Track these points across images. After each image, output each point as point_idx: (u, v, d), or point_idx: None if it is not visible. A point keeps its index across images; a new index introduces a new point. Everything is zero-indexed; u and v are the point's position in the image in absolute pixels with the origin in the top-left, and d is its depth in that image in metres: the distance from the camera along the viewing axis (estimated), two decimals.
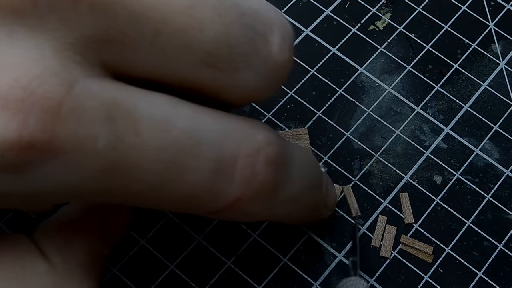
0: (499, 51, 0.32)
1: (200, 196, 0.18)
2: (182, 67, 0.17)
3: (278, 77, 0.19)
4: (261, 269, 0.26)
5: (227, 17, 0.17)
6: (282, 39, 0.19)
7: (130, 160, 0.17)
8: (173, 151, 0.17)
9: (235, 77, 0.18)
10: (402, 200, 0.28)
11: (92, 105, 0.16)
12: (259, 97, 0.20)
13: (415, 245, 0.27)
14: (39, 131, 0.15)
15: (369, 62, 0.31)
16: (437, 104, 0.30)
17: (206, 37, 0.17)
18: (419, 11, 0.33)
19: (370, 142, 0.29)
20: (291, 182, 0.21)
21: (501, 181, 0.28)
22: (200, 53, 0.17)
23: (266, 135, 0.19)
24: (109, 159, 0.16)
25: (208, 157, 0.18)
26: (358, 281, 0.25)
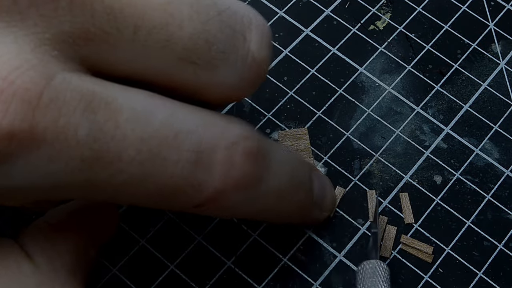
0: (499, 51, 0.32)
1: (181, 188, 0.18)
2: (161, 64, 0.18)
3: (257, 75, 0.19)
4: (261, 269, 0.26)
5: (205, 15, 0.18)
6: (260, 37, 0.19)
7: (111, 150, 0.17)
8: (153, 142, 0.17)
9: (214, 74, 0.18)
10: (402, 200, 0.28)
11: (71, 96, 0.16)
12: (238, 95, 0.20)
13: (415, 245, 0.27)
14: (18, 120, 0.15)
15: (369, 62, 0.31)
16: (437, 104, 0.30)
17: (185, 33, 0.17)
18: (419, 11, 0.33)
19: (370, 142, 0.29)
20: (272, 176, 0.21)
21: (501, 181, 0.28)
22: (179, 49, 0.17)
23: (244, 129, 0.20)
24: (91, 149, 0.16)
25: (187, 148, 0.18)
26: (377, 264, 0.25)
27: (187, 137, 0.18)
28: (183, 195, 0.19)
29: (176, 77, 0.18)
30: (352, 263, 0.26)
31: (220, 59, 0.18)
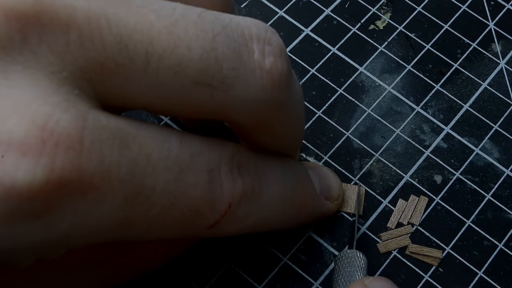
0: (499, 51, 0.32)
1: (201, 209, 0.19)
2: (176, 91, 0.17)
3: (274, 82, 0.19)
4: (261, 268, 0.26)
5: (210, 32, 0.17)
6: (262, 45, 0.19)
7: (147, 183, 0.17)
8: (176, 169, 0.18)
9: (232, 93, 0.18)
10: (419, 202, 0.28)
11: (107, 135, 0.16)
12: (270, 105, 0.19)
13: (424, 251, 0.26)
14: (67, 170, 0.15)
15: (369, 62, 0.31)
16: (437, 103, 0.30)
17: (195, 54, 0.17)
18: (419, 11, 0.33)
19: (370, 142, 0.29)
20: (269, 183, 0.21)
21: (501, 180, 0.28)
22: (192, 72, 0.17)
23: (235, 145, 0.20)
24: (131, 185, 0.16)
25: (201, 169, 0.18)
26: (354, 253, 0.25)
27: (199, 159, 0.18)
28: (201, 216, 0.19)
29: (194, 102, 0.18)
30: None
31: (233, 76, 0.18)
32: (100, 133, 0.16)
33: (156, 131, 0.18)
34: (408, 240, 0.27)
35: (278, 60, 0.19)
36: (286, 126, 0.21)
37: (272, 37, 0.19)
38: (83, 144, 0.15)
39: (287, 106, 0.20)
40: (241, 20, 0.19)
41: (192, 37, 0.17)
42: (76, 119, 0.15)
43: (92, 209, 0.16)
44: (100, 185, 0.16)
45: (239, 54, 0.18)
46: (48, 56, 0.15)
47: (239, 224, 0.21)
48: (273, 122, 0.20)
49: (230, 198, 0.19)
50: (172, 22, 0.17)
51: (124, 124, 0.17)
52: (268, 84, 0.19)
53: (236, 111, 0.19)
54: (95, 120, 0.16)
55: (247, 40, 0.18)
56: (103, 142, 0.16)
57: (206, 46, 0.17)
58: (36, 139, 0.15)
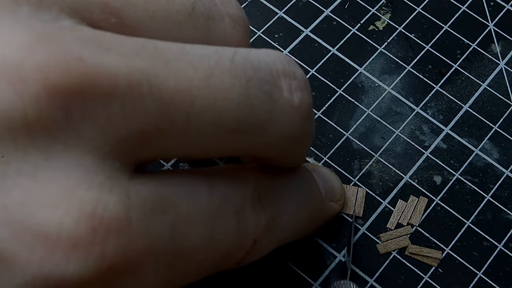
0: (499, 51, 0.32)
1: (231, 253, 0.19)
2: (215, 142, 0.17)
3: (302, 117, 0.19)
4: (261, 269, 0.26)
5: (243, 77, 0.17)
6: (289, 81, 0.18)
7: (185, 245, 0.17)
8: (209, 221, 0.17)
9: (266, 136, 0.18)
10: (419, 203, 0.27)
11: (149, 208, 0.15)
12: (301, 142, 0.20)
13: (423, 252, 0.26)
14: (118, 255, 0.15)
15: (369, 62, 0.31)
16: (437, 104, 0.30)
17: (232, 104, 0.16)
18: (419, 11, 0.33)
19: (370, 142, 0.29)
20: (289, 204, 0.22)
21: (500, 181, 0.28)
22: (230, 122, 0.17)
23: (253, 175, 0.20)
24: (172, 251, 0.16)
25: (230, 213, 0.18)
26: (348, 284, 0.25)
27: (227, 204, 0.18)
28: (230, 258, 0.19)
29: (229, 148, 0.18)
30: (352, 263, 0.26)
31: (267, 119, 0.18)
32: (144, 207, 0.15)
33: (185, 184, 0.17)
34: (408, 240, 0.27)
35: (305, 94, 0.19)
36: (303, 150, 0.21)
37: (295, 70, 0.19)
38: (131, 225, 0.15)
39: (310, 134, 0.20)
40: (265, 56, 0.18)
41: (228, 87, 0.16)
42: (122, 199, 0.15)
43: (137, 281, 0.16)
44: (146, 260, 0.15)
45: (271, 96, 0.18)
46: (90, 132, 0.15)
47: (262, 253, 0.21)
48: (296, 149, 0.20)
49: (255, 235, 0.19)
50: (208, 74, 0.16)
51: (160, 188, 0.16)
52: (298, 120, 0.19)
53: (267, 150, 0.19)
54: (137, 194, 0.15)
55: (276, 79, 0.18)
56: (147, 217, 0.15)
57: (242, 93, 0.17)
58: (87, 229, 0.14)
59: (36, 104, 0.14)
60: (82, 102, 0.14)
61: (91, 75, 0.14)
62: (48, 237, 0.14)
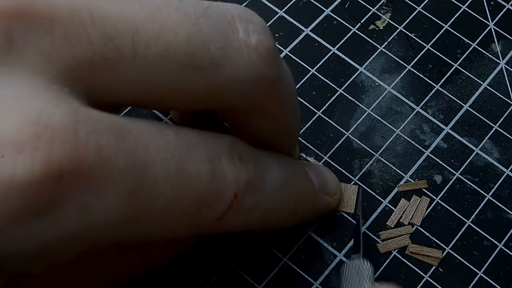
0: (499, 51, 0.32)
1: (208, 199, 0.19)
2: (166, 77, 0.17)
3: (261, 58, 0.19)
4: (261, 268, 0.26)
5: (193, 15, 0.18)
6: (245, 24, 0.19)
7: (148, 175, 0.17)
8: (176, 159, 0.18)
9: (221, 73, 0.18)
10: (420, 202, 0.28)
11: (102, 128, 0.16)
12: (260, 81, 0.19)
13: (423, 251, 0.26)
14: (65, 162, 0.15)
15: (369, 62, 0.31)
16: (437, 103, 0.30)
17: (181, 38, 0.17)
18: (419, 11, 0.33)
19: (370, 142, 0.29)
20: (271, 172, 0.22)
21: (501, 180, 0.28)
22: (180, 56, 0.17)
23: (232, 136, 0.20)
24: (132, 176, 0.16)
25: (202, 159, 0.18)
26: (361, 262, 0.25)
27: (197, 149, 0.18)
28: (209, 208, 0.19)
29: (184, 87, 0.18)
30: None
31: (221, 56, 0.18)
32: (95, 126, 0.16)
33: (151, 125, 0.18)
34: (408, 240, 0.27)
35: (262, 37, 0.19)
36: (279, 108, 0.21)
37: (253, 16, 0.20)
38: (79, 136, 0.15)
39: (277, 82, 0.20)
40: (220, 3, 0.19)
41: (176, 21, 0.17)
42: (69, 113, 0.15)
43: (96, 202, 0.16)
44: (100, 176, 0.15)
45: (224, 34, 0.18)
46: (34, 56, 0.15)
47: (246, 216, 0.21)
48: (265, 101, 0.20)
49: (235, 188, 0.19)
50: (155, 9, 0.17)
51: (118, 118, 0.17)
52: (256, 60, 0.19)
53: (227, 93, 0.19)
54: (88, 114, 0.16)
55: (230, 21, 0.19)
56: (98, 134, 0.16)
57: (191, 29, 0.17)
58: (30, 134, 0.14)
59: None
60: (22, 26, 0.15)
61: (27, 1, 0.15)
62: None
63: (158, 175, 0.17)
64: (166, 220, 0.18)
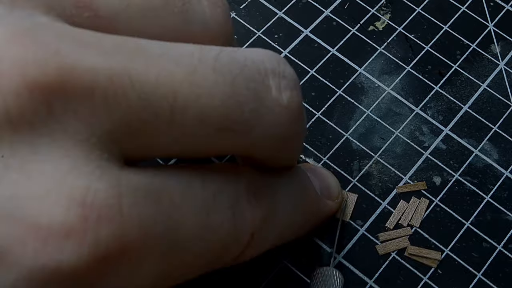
0: (499, 52, 0.32)
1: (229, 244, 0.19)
2: (200, 139, 0.17)
3: (290, 117, 0.19)
4: (260, 270, 0.26)
5: (228, 75, 0.17)
6: (278, 80, 0.18)
7: (180, 234, 0.17)
8: (204, 212, 0.17)
9: (253, 135, 0.18)
10: (420, 204, 0.27)
11: (141, 195, 0.15)
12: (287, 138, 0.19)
13: (422, 253, 0.26)
14: (112, 242, 0.15)
15: (369, 63, 0.31)
16: (437, 105, 0.30)
17: (217, 101, 0.17)
18: (419, 12, 0.33)
19: (369, 143, 0.29)
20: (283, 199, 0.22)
21: (500, 182, 0.28)
22: (215, 119, 0.17)
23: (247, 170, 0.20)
24: (167, 239, 0.16)
25: (225, 206, 0.18)
26: (331, 271, 0.25)
27: (221, 197, 0.18)
28: (228, 251, 0.19)
29: (216, 146, 0.18)
30: (351, 264, 0.26)
31: (254, 118, 0.18)
32: (135, 194, 0.15)
33: (178, 175, 0.17)
34: (407, 241, 0.27)
35: (294, 94, 0.19)
36: (295, 150, 0.21)
37: (285, 69, 0.19)
38: (123, 212, 0.15)
39: (300, 135, 0.20)
40: (253, 55, 0.18)
41: (212, 84, 0.17)
42: (112, 187, 0.15)
43: (134, 272, 0.16)
44: (141, 248, 0.15)
45: (258, 94, 0.18)
46: (75, 125, 0.15)
47: (261, 248, 0.21)
48: (286, 150, 0.20)
49: (252, 228, 0.19)
50: (192, 71, 0.16)
51: (152, 178, 0.16)
52: (286, 119, 0.18)
53: (255, 149, 0.19)
54: (128, 182, 0.15)
55: (263, 77, 0.18)
56: (139, 204, 0.15)
57: (227, 91, 0.17)
58: (78, 217, 0.14)
59: (17, 99, 0.14)
60: (62, 95, 0.15)
61: (69, 69, 0.15)
62: (40, 228, 0.14)
63: (188, 233, 0.17)
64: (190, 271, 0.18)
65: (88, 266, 0.14)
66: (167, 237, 0.16)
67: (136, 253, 0.15)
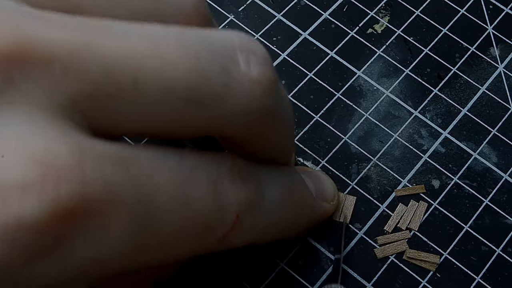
0: (498, 55, 0.32)
1: (211, 223, 0.19)
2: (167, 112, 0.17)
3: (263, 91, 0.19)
4: (258, 273, 0.26)
5: (193, 49, 0.17)
6: (246, 56, 0.19)
7: (153, 204, 0.17)
8: (179, 186, 0.17)
9: (223, 107, 0.18)
10: (418, 207, 0.27)
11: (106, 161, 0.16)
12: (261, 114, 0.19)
13: (421, 257, 0.26)
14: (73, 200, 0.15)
15: (367, 66, 0.31)
16: (435, 108, 0.30)
17: (181, 74, 0.17)
18: (418, 15, 0.33)
19: (368, 146, 0.29)
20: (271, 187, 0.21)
21: (499, 185, 0.28)
22: (181, 91, 0.17)
23: (231, 154, 0.20)
24: (138, 207, 0.16)
25: (205, 182, 0.18)
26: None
27: (200, 172, 0.18)
28: (211, 231, 0.19)
29: (186, 121, 0.18)
30: (349, 268, 0.26)
31: (222, 91, 0.18)
32: (100, 160, 0.15)
33: (154, 151, 0.17)
34: (406, 245, 0.27)
35: (264, 68, 0.19)
36: (277, 134, 0.21)
37: (255, 46, 0.19)
38: (85, 172, 0.15)
39: (276, 112, 0.20)
40: (221, 33, 0.19)
41: (176, 57, 0.17)
42: (74, 150, 0.15)
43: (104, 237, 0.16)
44: (107, 211, 0.15)
45: (226, 68, 0.18)
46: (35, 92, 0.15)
47: (246, 235, 0.21)
48: (264, 130, 0.20)
49: (237, 209, 0.19)
50: (155, 45, 0.17)
51: (121, 148, 0.16)
52: (258, 93, 0.19)
53: (228, 125, 0.19)
54: (92, 148, 0.15)
55: (231, 53, 0.18)
56: (104, 168, 0.15)
57: (192, 64, 0.17)
58: (36, 175, 0.14)
59: None
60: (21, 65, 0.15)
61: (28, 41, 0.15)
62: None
63: (164, 205, 0.17)
64: (169, 248, 0.18)
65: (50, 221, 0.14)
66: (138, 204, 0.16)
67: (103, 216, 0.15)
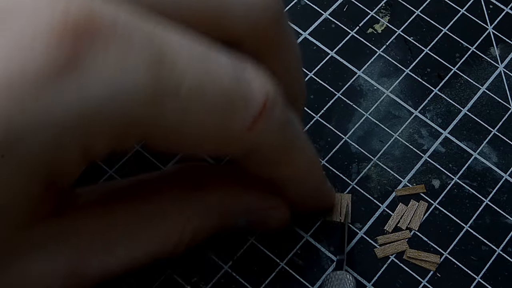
0: (498, 55, 0.32)
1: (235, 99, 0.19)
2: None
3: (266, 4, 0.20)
4: (258, 273, 0.26)
5: None
6: None
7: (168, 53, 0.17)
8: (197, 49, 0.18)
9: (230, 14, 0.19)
10: (418, 207, 0.27)
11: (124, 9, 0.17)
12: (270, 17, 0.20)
13: (421, 256, 0.26)
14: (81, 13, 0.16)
15: (367, 66, 0.31)
16: (436, 107, 0.30)
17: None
18: (418, 14, 0.33)
19: (368, 146, 0.29)
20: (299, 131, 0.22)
21: (499, 185, 0.28)
22: None
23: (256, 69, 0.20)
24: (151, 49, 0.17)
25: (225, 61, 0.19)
26: (344, 275, 0.25)
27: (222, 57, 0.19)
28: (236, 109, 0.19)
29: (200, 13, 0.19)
30: (349, 267, 0.26)
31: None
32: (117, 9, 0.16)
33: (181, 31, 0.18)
34: (406, 245, 0.27)
35: None
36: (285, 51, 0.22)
37: None
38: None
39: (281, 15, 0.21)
40: None
41: None
42: None
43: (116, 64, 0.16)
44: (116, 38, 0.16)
45: None
46: None
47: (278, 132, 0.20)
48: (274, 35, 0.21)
49: (263, 95, 0.19)
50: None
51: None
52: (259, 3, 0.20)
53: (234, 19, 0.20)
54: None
55: None
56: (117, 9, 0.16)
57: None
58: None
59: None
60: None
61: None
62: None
63: (178, 56, 0.17)
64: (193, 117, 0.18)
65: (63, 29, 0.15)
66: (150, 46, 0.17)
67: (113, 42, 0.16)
